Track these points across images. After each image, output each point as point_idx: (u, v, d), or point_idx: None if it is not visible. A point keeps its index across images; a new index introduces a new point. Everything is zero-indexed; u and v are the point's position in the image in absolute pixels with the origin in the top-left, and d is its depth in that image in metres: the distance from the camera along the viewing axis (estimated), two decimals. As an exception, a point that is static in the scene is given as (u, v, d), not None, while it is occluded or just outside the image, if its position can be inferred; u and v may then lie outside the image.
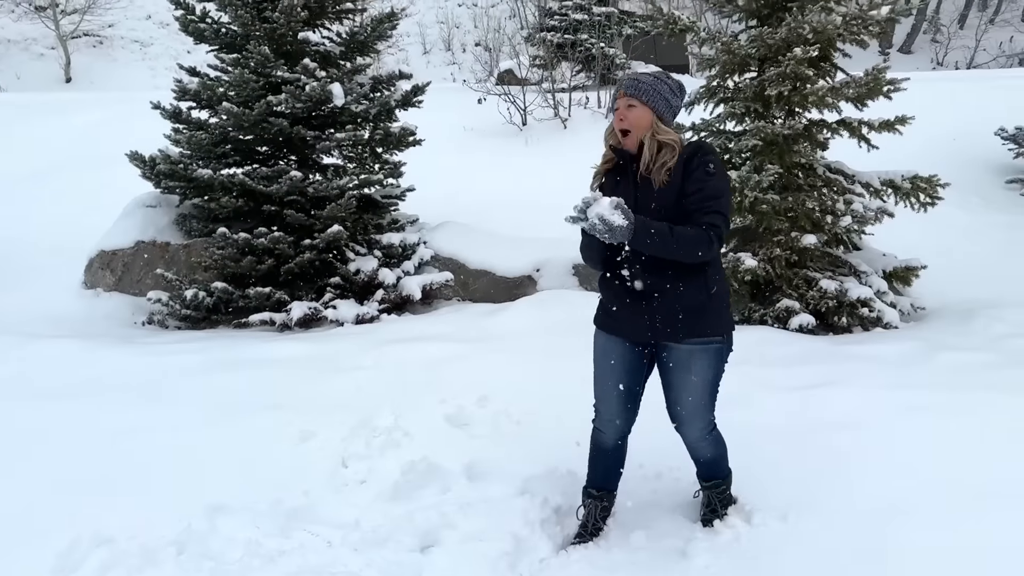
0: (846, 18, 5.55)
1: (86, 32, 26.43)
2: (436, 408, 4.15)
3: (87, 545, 3.00)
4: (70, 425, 3.97)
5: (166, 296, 6.08)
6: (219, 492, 3.39)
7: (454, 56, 30.19)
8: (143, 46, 27.98)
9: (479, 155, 10.57)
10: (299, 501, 3.37)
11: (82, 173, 9.65)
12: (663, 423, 3.15)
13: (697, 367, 2.89)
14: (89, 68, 26.26)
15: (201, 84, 6.14)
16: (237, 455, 3.71)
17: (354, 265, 6.10)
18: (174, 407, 4.21)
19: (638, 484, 3.53)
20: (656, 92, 2.78)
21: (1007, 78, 13.12)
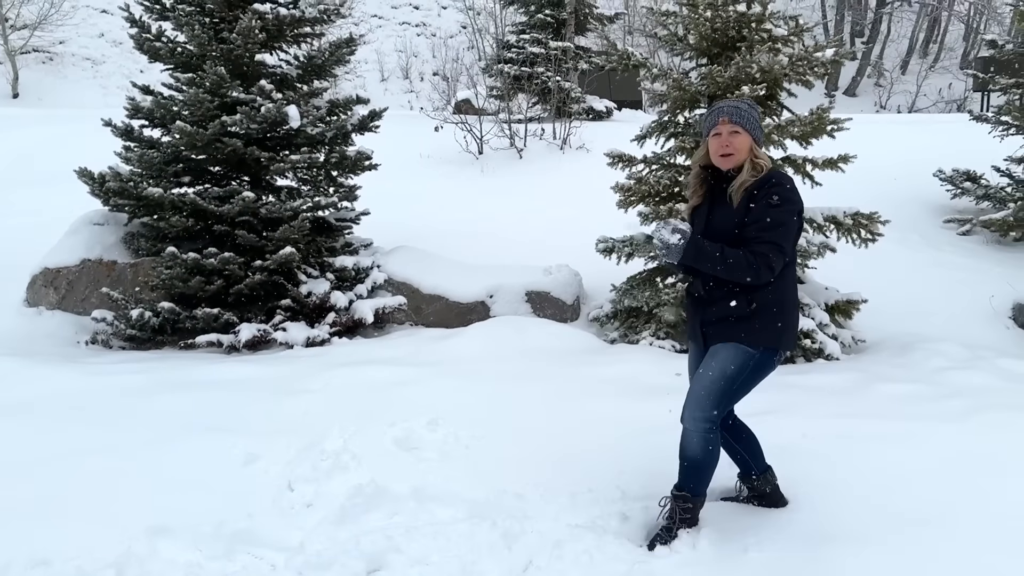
0: (792, 59, 5.76)
1: (36, 48, 25.93)
2: (385, 431, 4.13)
3: (20, 568, 2.92)
4: (6, 445, 3.86)
5: (111, 315, 5.95)
6: (161, 514, 3.32)
7: (411, 84, 30.36)
8: (95, 64, 27.56)
9: (436, 182, 10.63)
10: (243, 524, 3.32)
11: (27, 189, 9.45)
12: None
13: (721, 356, 3.04)
14: (38, 84, 25.74)
15: (155, 102, 6.08)
16: (180, 477, 3.65)
17: (306, 287, 6.06)
18: (116, 428, 4.13)
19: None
20: (754, 119, 3.04)
21: (946, 122, 13.66)
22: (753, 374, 3.07)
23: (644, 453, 4.00)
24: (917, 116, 20.51)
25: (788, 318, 3.10)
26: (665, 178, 6.02)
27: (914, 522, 3.31)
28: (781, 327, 3.06)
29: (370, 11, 33.38)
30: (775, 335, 3.05)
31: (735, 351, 3.03)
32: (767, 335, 3.03)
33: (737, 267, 2.90)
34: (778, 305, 3.04)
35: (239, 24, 5.86)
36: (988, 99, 17.30)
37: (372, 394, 4.64)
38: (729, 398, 3.10)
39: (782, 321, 3.06)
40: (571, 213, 9.04)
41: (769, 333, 3.04)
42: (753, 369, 3.05)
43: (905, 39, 31.09)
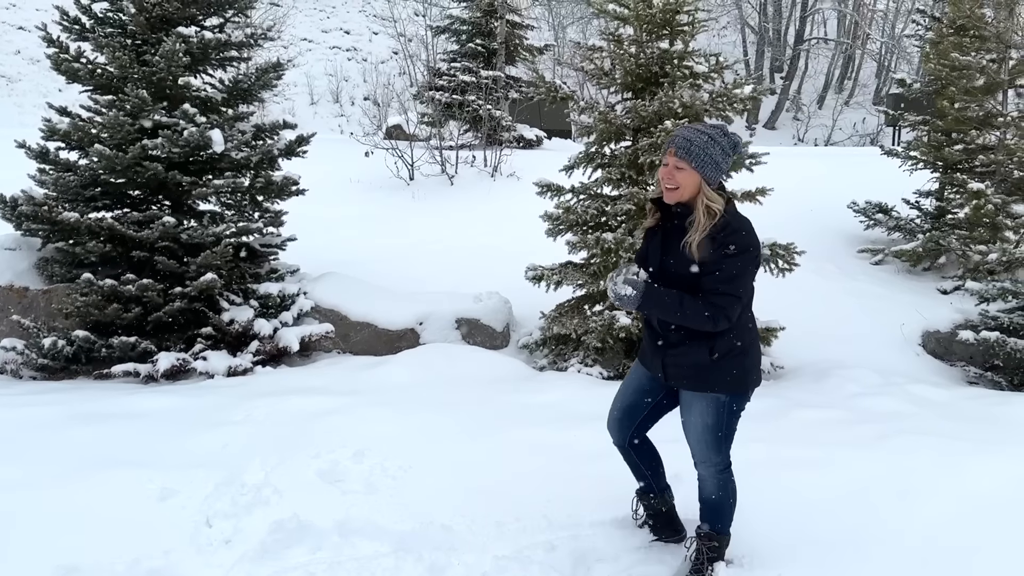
0: (712, 95, 5.96)
1: (-53, 63, 24.93)
2: (309, 463, 4.06)
3: (-85, 615, 2.75)
4: (-99, 483, 3.64)
5: (21, 344, 5.71)
6: (72, 553, 3.19)
7: (342, 108, 30.18)
8: (10, 82, 26.62)
9: (365, 207, 10.57)
10: (159, 562, 3.21)
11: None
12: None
13: (696, 410, 3.06)
14: (-52, 101, 24.72)
15: (72, 125, 5.89)
16: (92, 514, 3.50)
17: (228, 315, 5.92)
18: (25, 463, 3.94)
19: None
20: (707, 156, 2.80)
21: (860, 155, 14.28)
22: (733, 414, 3.09)
23: (572, 481, 4.03)
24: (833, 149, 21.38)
25: (750, 359, 3.07)
26: (592, 208, 6.12)
27: (827, 545, 3.43)
28: (745, 370, 3.04)
29: (300, 34, 33.15)
30: (740, 380, 3.04)
31: (706, 403, 3.04)
32: (732, 382, 3.02)
33: (695, 317, 2.84)
34: (739, 350, 3.00)
35: (162, 47, 5.74)
36: (899, 134, 18.15)
37: (296, 425, 4.55)
38: (725, 440, 3.11)
39: (745, 364, 3.03)
40: (502, 240, 9.10)
41: (734, 379, 3.01)
42: (729, 411, 3.06)
43: (822, 75, 32.48)
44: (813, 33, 33.25)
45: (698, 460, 3.18)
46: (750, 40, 33.50)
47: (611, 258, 5.78)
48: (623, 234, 5.80)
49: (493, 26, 16.15)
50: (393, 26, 22.72)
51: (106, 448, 4.19)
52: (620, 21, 6.13)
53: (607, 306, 6.34)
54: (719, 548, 3.23)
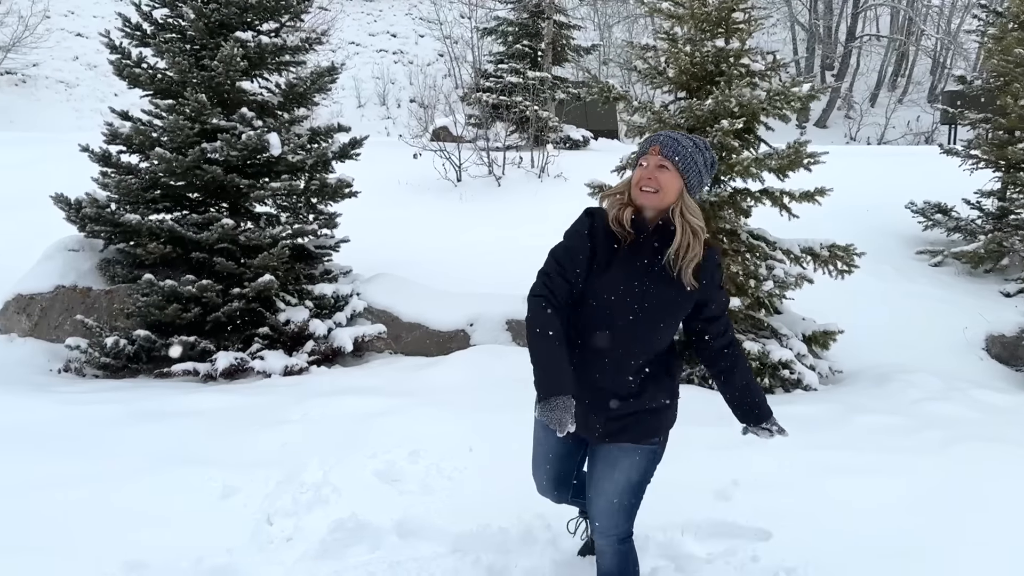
0: (770, 93, 5.86)
1: (8, 70, 25.75)
2: (366, 463, 4.09)
3: (-9, 605, 2.83)
4: (-24, 477, 3.76)
5: (85, 343, 5.85)
6: (138, 549, 3.25)
7: (388, 111, 30.48)
8: (69, 87, 27.38)
9: (414, 209, 10.63)
10: (222, 559, 3.26)
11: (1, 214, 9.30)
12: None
13: (624, 466, 2.59)
14: (10, 107, 25.50)
15: (133, 129, 6.03)
16: (157, 511, 3.58)
17: (284, 315, 6.01)
18: (92, 459, 4.04)
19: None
20: (693, 161, 2.44)
21: (914, 154, 13.95)
22: (655, 464, 2.68)
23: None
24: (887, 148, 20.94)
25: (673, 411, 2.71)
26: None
27: (889, 555, 3.34)
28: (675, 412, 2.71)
29: (348, 38, 33.54)
30: (673, 421, 2.71)
31: (639, 457, 2.59)
32: (670, 425, 2.70)
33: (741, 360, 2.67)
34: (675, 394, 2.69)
35: (221, 52, 5.85)
36: (955, 132, 17.71)
37: (351, 425, 4.58)
38: (639, 502, 2.67)
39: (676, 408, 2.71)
40: (550, 241, 9.02)
41: (672, 421, 2.69)
42: (657, 460, 2.67)
43: (874, 73, 31.83)
44: (865, 30, 32.60)
45: (602, 528, 2.65)
46: (800, 37, 32.98)
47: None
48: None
49: (540, 27, 16.15)
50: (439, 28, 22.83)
51: (169, 446, 4.27)
52: (675, 20, 6.07)
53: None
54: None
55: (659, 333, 2.52)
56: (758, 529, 3.56)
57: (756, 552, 3.37)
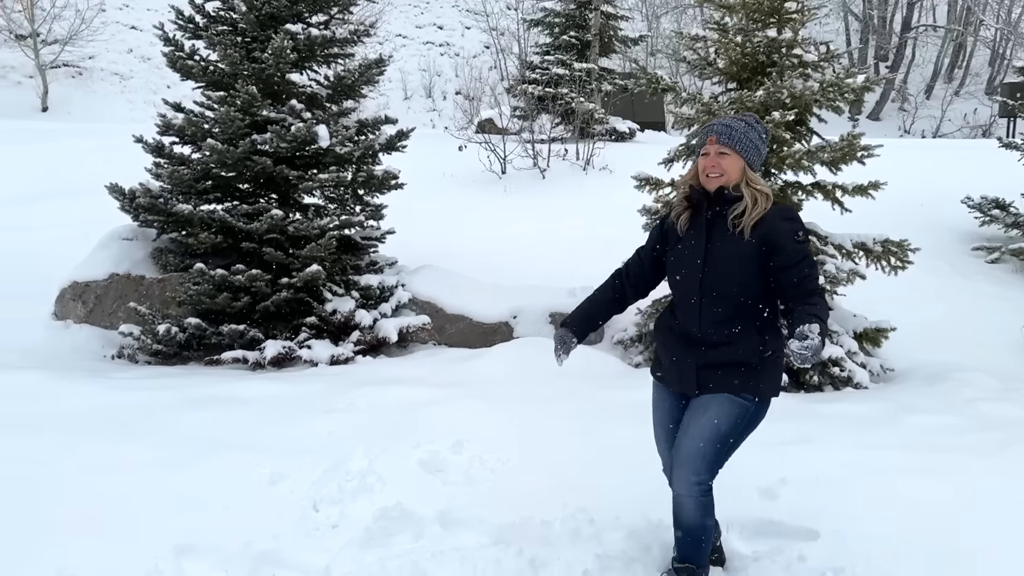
0: (823, 85, 5.74)
1: (66, 63, 26.38)
2: (410, 453, 4.11)
3: (48, 584, 2.91)
4: (34, 460, 3.87)
5: (138, 330, 5.99)
6: (187, 533, 3.32)
7: (434, 103, 30.59)
8: (123, 79, 27.98)
9: (459, 201, 10.66)
10: (269, 544, 3.31)
11: (54, 202, 9.56)
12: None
13: (713, 411, 2.78)
14: (67, 98, 26.14)
15: (186, 120, 6.14)
16: (206, 496, 3.65)
17: (331, 305, 6.07)
18: (142, 445, 4.14)
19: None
20: (748, 141, 2.78)
21: (971, 148, 13.55)
22: (748, 426, 2.82)
23: (669, 480, 3.96)
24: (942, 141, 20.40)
25: (781, 368, 2.91)
26: (692, 202, 5.97)
27: (941, 557, 3.26)
28: (778, 377, 2.87)
29: (395, 30, 33.72)
30: (773, 386, 2.85)
31: (730, 405, 2.76)
32: (771, 384, 2.83)
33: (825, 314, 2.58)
34: (780, 350, 2.83)
35: (271, 44, 5.92)
36: (1015, 125, 17.16)
37: (396, 415, 4.62)
38: (725, 456, 2.82)
39: (778, 372, 2.87)
40: (595, 234, 9.02)
41: (773, 382, 2.84)
42: (749, 421, 2.81)
43: (930, 64, 31.00)
44: (921, 20, 31.74)
45: (683, 475, 2.81)
46: (854, 28, 32.26)
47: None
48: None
49: (587, 18, 16.04)
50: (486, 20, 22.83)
51: (219, 432, 4.35)
52: (725, 9, 5.97)
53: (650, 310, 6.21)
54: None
55: (729, 283, 2.75)
56: (805, 528, 3.50)
57: (803, 552, 3.32)
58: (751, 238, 2.70)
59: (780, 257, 2.67)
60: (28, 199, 9.82)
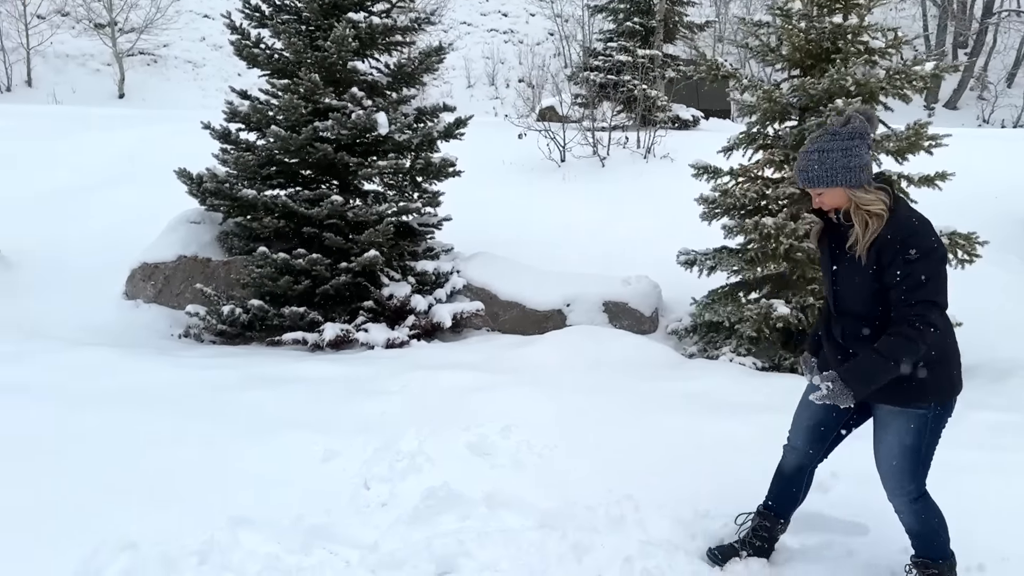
0: (889, 72, 5.58)
1: (142, 51, 27.26)
2: (459, 436, 4.17)
3: (111, 550, 3.05)
4: (101, 432, 4.05)
5: (204, 310, 6.20)
6: (243, 506, 3.44)
7: (497, 91, 30.63)
8: (196, 67, 28.77)
9: (517, 188, 10.69)
10: (321, 519, 3.41)
11: (128, 186, 9.91)
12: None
13: (893, 429, 2.81)
14: (142, 85, 27.02)
15: (251, 107, 6.32)
16: (263, 471, 3.77)
17: (388, 290, 6.19)
18: (204, 420, 4.29)
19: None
20: (830, 169, 2.61)
21: (1054, 139, 12.98)
22: (935, 430, 2.81)
23: (718, 471, 3.95)
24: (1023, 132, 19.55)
25: (952, 367, 2.80)
26: (751, 191, 5.90)
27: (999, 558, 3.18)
28: (951, 377, 2.79)
29: (459, 18, 33.86)
30: (947, 388, 2.79)
31: (906, 419, 2.77)
32: (938, 391, 2.77)
33: (903, 351, 2.58)
34: (943, 358, 2.74)
35: (333, 32, 6.03)
36: (1102, 115, 16.35)
37: (448, 398, 4.70)
38: (922, 464, 2.84)
39: (949, 372, 2.78)
40: (653, 223, 8.97)
41: (940, 388, 2.77)
42: (933, 425, 2.79)
43: (1012, 51, 29.66)
44: (1004, 5, 30.40)
45: (889, 491, 2.90)
46: (931, 13, 31.09)
47: (770, 244, 5.57)
48: (784, 219, 5.57)
49: (652, 3, 15.84)
50: (550, 7, 22.75)
51: (277, 410, 4.49)
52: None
53: (763, 294, 6.12)
54: (940, 575, 2.97)
55: (857, 303, 2.78)
56: (856, 523, 3.45)
57: (852, 547, 3.27)
58: (868, 260, 2.64)
59: (886, 276, 2.62)
60: (104, 183, 10.21)
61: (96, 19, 26.50)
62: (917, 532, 2.96)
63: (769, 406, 4.84)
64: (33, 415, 4.22)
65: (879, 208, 2.62)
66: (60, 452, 3.83)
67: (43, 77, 26.62)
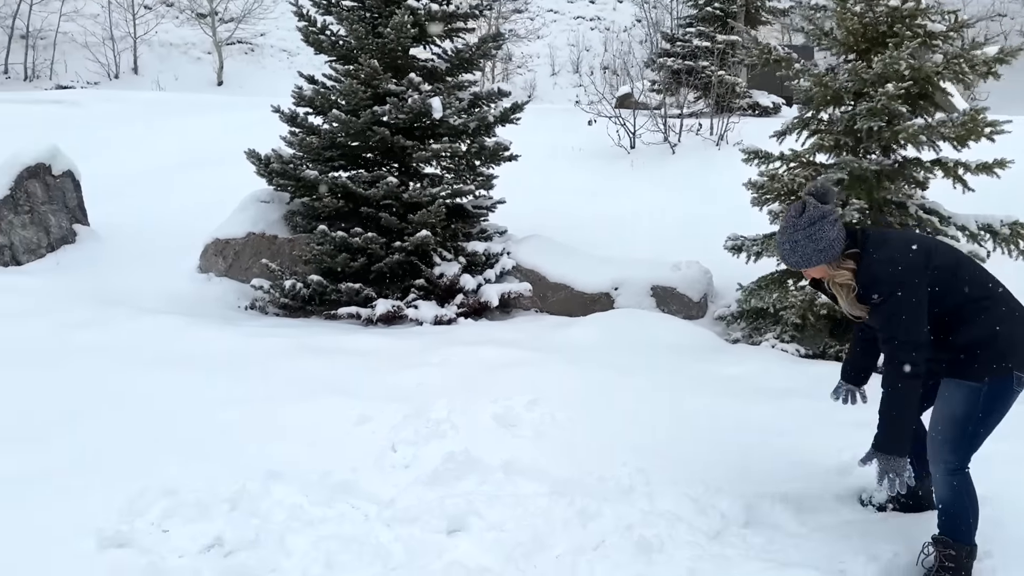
0: (947, 57, 5.44)
1: (240, 39, 28.41)
2: (487, 407, 4.35)
3: (154, 494, 3.36)
4: (162, 389, 4.43)
5: (268, 284, 6.57)
6: (277, 461, 3.70)
7: (580, 78, 30.60)
8: (290, 55, 29.77)
9: (583, 175, 10.77)
10: (346, 476, 3.64)
11: (213, 168, 10.47)
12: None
13: (947, 397, 2.92)
14: (240, 73, 28.17)
15: (315, 91, 6.64)
16: (300, 431, 4.04)
17: (439, 269, 6.42)
18: (256, 383, 4.62)
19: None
20: (804, 253, 2.89)
21: None
22: (989, 409, 2.86)
23: (739, 451, 4.01)
24: None
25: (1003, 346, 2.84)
26: (801, 176, 5.85)
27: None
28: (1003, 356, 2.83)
29: (546, 5, 33.91)
30: (998, 367, 2.83)
31: (960, 391, 2.88)
32: (988, 369, 2.83)
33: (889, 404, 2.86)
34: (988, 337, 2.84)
35: (392, 19, 6.27)
36: None
37: (482, 372, 4.89)
38: (967, 441, 2.90)
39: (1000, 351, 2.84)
40: (717, 210, 8.90)
41: (990, 366, 2.83)
42: (986, 403, 2.84)
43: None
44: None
45: (931, 458, 2.98)
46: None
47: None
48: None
49: (734, -13, 15.60)
50: (637, -9, 22.58)
51: (322, 377, 4.78)
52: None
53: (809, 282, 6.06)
54: (957, 559, 2.94)
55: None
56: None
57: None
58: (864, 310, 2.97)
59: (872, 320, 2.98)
60: (192, 164, 10.85)
61: (198, 9, 27.77)
62: (946, 508, 2.98)
63: (801, 392, 4.84)
64: (107, 374, 4.64)
65: (845, 279, 2.94)
66: (123, 407, 4.21)
67: (148, 65, 28.09)
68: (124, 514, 3.24)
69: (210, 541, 3.15)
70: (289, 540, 3.17)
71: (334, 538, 3.21)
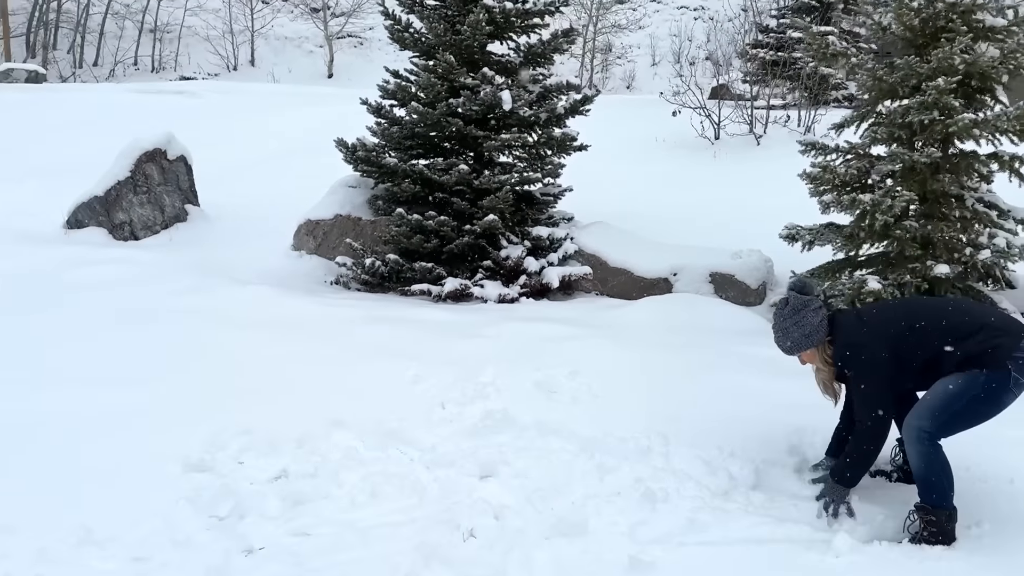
0: (1005, 52, 5.49)
1: (350, 33, 29.67)
2: (530, 375, 4.78)
3: (231, 433, 3.96)
4: (247, 347, 5.07)
5: (351, 262, 7.18)
6: (339, 411, 4.24)
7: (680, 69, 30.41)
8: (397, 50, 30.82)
9: (661, 166, 11.00)
10: (395, 425, 4.15)
11: (316, 155, 11.20)
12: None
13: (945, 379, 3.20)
14: (349, 66, 29.42)
15: (397, 85, 7.19)
16: (361, 387, 4.59)
17: (505, 251, 6.88)
18: (327, 345, 5.21)
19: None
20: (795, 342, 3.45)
21: None
22: (985, 397, 3.11)
23: (765, 422, 4.24)
24: None
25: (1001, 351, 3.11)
26: (854, 168, 5.99)
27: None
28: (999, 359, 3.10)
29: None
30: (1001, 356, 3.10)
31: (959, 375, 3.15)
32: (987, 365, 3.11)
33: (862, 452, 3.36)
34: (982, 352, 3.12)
35: (468, 18, 6.75)
36: None
37: (533, 344, 5.31)
38: (949, 416, 3.15)
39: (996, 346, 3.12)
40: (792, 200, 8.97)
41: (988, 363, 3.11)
42: (983, 390, 3.10)
43: None
44: None
45: (908, 416, 3.24)
46: None
47: (864, 221, 5.67)
48: (881, 196, 5.64)
49: (830, -22, 15.37)
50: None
51: (387, 343, 5.32)
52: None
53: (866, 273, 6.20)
54: (937, 523, 3.17)
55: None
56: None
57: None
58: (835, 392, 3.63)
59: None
60: (298, 152, 11.72)
61: (311, 3, 29.18)
62: (920, 478, 3.22)
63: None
64: (201, 332, 5.32)
65: (819, 364, 3.52)
66: (208, 359, 4.86)
67: (264, 57, 29.72)
68: (207, 446, 3.85)
69: (277, 473, 3.71)
70: (342, 474, 3.69)
71: (380, 475, 3.71)
